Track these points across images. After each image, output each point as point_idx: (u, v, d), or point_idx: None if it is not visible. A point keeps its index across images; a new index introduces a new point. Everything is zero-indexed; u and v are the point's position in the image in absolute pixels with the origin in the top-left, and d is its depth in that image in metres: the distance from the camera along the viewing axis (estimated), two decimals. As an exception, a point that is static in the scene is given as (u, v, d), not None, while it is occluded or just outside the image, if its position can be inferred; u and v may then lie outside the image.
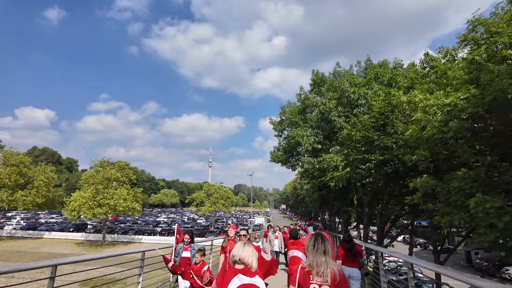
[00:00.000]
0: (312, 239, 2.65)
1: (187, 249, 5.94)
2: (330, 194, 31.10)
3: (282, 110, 23.63)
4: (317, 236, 2.68)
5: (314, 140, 18.94)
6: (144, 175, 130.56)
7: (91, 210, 39.72)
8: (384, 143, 12.93)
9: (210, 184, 56.65)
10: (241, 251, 2.40)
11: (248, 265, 2.36)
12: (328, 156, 17.51)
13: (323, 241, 2.62)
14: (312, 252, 2.57)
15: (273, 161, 24.27)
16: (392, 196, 18.29)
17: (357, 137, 13.59)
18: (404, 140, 11.90)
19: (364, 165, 13.48)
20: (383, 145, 13.04)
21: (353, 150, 14.82)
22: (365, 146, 13.76)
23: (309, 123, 19.59)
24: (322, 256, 2.52)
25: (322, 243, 2.59)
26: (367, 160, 13.46)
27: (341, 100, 18.96)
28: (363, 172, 13.73)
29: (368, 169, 13.48)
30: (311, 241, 2.64)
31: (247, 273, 2.32)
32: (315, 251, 2.56)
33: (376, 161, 13.15)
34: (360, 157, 13.67)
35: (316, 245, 2.58)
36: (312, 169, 19.33)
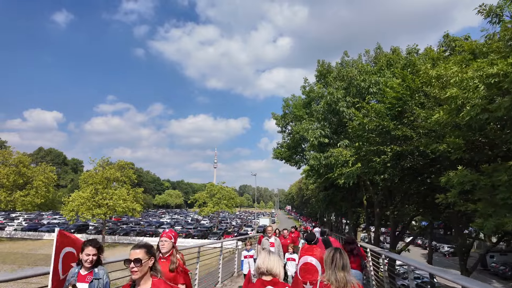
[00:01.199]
0: (331, 254, 2.58)
1: (84, 278, 2.92)
2: (338, 194, 29.13)
3: (285, 104, 21.80)
4: (336, 250, 2.59)
5: (320, 133, 17.09)
6: (149, 175, 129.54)
7: (89, 211, 38.29)
8: (403, 132, 11.05)
9: (213, 184, 54.97)
10: (267, 261, 2.30)
11: (276, 276, 2.29)
12: (336, 150, 15.66)
13: (341, 256, 2.54)
14: (331, 267, 2.50)
15: (275, 158, 22.47)
16: (408, 194, 16.36)
17: (370, 127, 11.72)
18: (428, 128, 10.03)
19: (378, 157, 11.62)
20: (401, 135, 11.17)
21: (365, 143, 12.96)
22: (379, 136, 11.89)
23: (315, 115, 17.74)
24: (341, 271, 2.46)
25: (340, 258, 2.52)
26: (382, 152, 11.59)
27: (349, 90, 17.10)
28: (377, 166, 11.86)
29: (383, 162, 11.60)
30: (330, 256, 2.57)
31: (276, 284, 2.25)
32: (334, 266, 2.49)
33: (392, 152, 11.28)
34: (373, 149, 11.81)
35: (335, 260, 2.51)
36: (318, 166, 17.48)
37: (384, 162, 11.56)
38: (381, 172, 12.63)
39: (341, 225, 49.69)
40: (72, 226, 52.93)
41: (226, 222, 72.86)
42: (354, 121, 13.55)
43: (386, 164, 11.58)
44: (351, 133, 14.80)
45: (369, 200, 24.36)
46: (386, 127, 11.53)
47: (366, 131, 12.08)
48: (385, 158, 11.37)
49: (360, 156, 13.75)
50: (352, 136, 15.02)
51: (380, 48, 20.39)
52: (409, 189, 14.83)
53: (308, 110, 20.80)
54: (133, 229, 51.96)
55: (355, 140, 13.89)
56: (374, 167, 12.07)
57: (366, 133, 12.13)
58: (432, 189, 14.34)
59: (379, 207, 20.09)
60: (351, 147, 15.70)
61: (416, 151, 11.19)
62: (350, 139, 16.02)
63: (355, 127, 12.91)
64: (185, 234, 49.38)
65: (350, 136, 16.17)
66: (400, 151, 11.24)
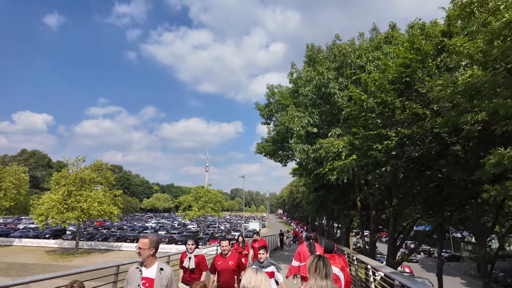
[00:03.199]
0: (315, 262, 2.47)
1: None
2: (329, 195, 26.32)
3: (270, 91, 18.96)
4: (320, 258, 2.49)
5: (308, 122, 14.31)
6: (138, 179, 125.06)
7: (60, 215, 34.70)
8: (412, 110, 8.34)
9: (199, 186, 51.72)
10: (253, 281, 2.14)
11: None
12: (326, 140, 12.87)
13: (325, 264, 2.44)
14: (314, 275, 2.42)
15: (259, 152, 19.57)
16: (411, 194, 13.66)
17: (369, 105, 8.99)
18: (450, 99, 7.33)
19: (380, 144, 8.87)
20: (409, 114, 8.45)
21: (363, 127, 10.23)
22: (380, 117, 9.17)
23: (302, 100, 14.96)
24: (324, 279, 2.38)
25: (324, 266, 2.42)
26: (385, 137, 8.86)
27: (342, 71, 14.41)
28: (378, 156, 9.12)
29: (386, 150, 8.86)
30: (313, 264, 2.46)
31: None
32: (316, 274, 2.41)
33: (399, 137, 8.56)
34: (373, 133, 9.06)
35: (318, 268, 2.41)
36: (306, 160, 14.68)
37: (387, 150, 8.80)
38: (382, 164, 9.88)
39: (332, 229, 46.82)
40: (48, 231, 48.96)
41: (214, 227, 69.43)
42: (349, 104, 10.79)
43: (390, 153, 8.81)
44: (346, 115, 12.01)
45: (364, 201, 21.63)
46: (390, 105, 8.80)
47: (364, 110, 9.32)
48: (389, 143, 8.62)
49: (356, 146, 10.99)
50: (347, 121, 12.25)
51: (377, 29, 17.77)
52: (414, 186, 12.09)
53: (296, 100, 18.04)
54: (113, 234, 48.18)
55: (351, 125, 11.12)
56: (374, 157, 9.30)
57: (365, 113, 9.36)
58: (441, 186, 11.65)
59: (375, 209, 17.35)
60: (344, 136, 12.94)
61: (429, 134, 8.48)
62: (343, 127, 13.27)
63: (350, 107, 10.14)
64: (168, 239, 45.89)
65: (343, 124, 13.45)
66: (408, 135, 8.51)
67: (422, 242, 25.19)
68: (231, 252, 4.96)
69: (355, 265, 9.03)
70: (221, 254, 4.92)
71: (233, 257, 4.85)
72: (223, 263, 4.81)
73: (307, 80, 15.83)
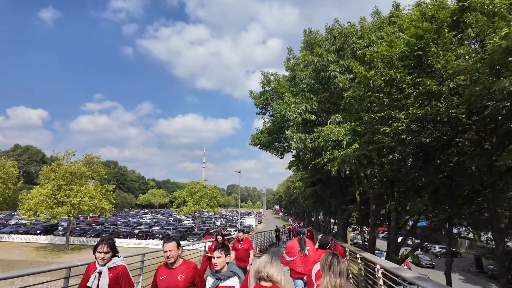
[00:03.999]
0: (329, 260, 2.41)
1: None
2: (326, 189, 25.32)
3: (265, 79, 17.73)
4: (333, 256, 2.45)
5: (305, 108, 13.16)
6: (133, 174, 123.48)
7: (49, 210, 33.39)
8: (426, 87, 7.22)
9: (194, 181, 50.51)
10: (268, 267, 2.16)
11: (277, 283, 2.16)
12: (326, 128, 11.74)
13: (338, 262, 2.40)
14: (328, 273, 2.36)
15: (253, 144, 18.40)
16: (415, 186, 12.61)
17: (376, 83, 7.85)
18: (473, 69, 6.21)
19: (388, 127, 7.75)
20: (423, 92, 7.34)
21: (367, 112, 9.11)
22: (388, 97, 8.04)
23: (299, 86, 13.79)
24: (338, 278, 2.32)
25: (337, 264, 2.38)
26: (394, 119, 7.75)
27: (342, 53, 13.25)
28: (386, 141, 8.01)
29: (395, 134, 7.75)
30: (327, 261, 2.41)
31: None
32: (330, 273, 2.35)
33: (410, 119, 7.45)
34: (380, 116, 7.94)
35: (332, 266, 2.36)
36: (303, 151, 13.55)
37: (397, 133, 7.69)
38: (389, 151, 8.78)
39: (329, 225, 45.94)
40: (39, 227, 47.60)
41: (210, 222, 68.36)
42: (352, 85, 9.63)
43: (400, 136, 7.69)
44: (348, 98, 10.86)
45: (363, 196, 20.62)
46: (400, 83, 7.67)
47: (370, 90, 8.17)
48: (399, 125, 7.49)
49: (360, 132, 9.87)
50: (349, 107, 11.11)
51: (378, 13, 16.58)
52: (421, 177, 11.01)
53: (293, 89, 16.87)
54: (106, 230, 46.95)
55: (353, 110, 9.98)
56: (381, 142, 8.18)
57: (371, 92, 8.21)
58: (451, 176, 10.59)
59: (375, 203, 16.31)
60: (345, 123, 11.82)
61: (444, 115, 7.37)
62: (344, 115, 12.14)
63: (353, 88, 9.00)
64: (162, 235, 44.77)
65: (343, 112, 12.33)
66: (421, 116, 7.39)
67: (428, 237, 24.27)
68: (183, 262, 3.18)
69: (358, 263, 7.99)
70: (166, 264, 3.21)
71: (185, 269, 3.11)
72: (167, 278, 3.09)
73: (305, 65, 14.65)
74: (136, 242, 41.79)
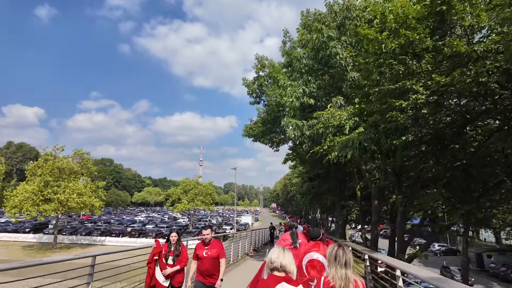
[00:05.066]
0: (334, 250, 2.44)
1: None
2: (324, 185, 23.88)
3: (259, 63, 16.18)
4: (339, 246, 2.47)
5: (303, 91, 11.66)
6: (129, 172, 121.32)
7: (35, 207, 31.66)
8: (453, 48, 5.76)
9: (188, 178, 48.94)
10: (281, 258, 2.14)
11: (290, 273, 2.14)
12: (326, 111, 10.26)
13: (344, 252, 2.41)
14: (334, 264, 2.39)
15: (246, 135, 16.87)
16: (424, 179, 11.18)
17: (391, 46, 6.37)
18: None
19: (404, 100, 6.27)
20: (449, 55, 5.88)
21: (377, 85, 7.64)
22: (403, 65, 6.55)
23: (296, 66, 12.28)
24: (343, 268, 2.34)
25: (343, 254, 2.39)
26: (412, 92, 6.27)
27: (344, 30, 11.76)
28: (401, 119, 6.54)
29: (414, 108, 6.28)
30: (333, 252, 2.44)
31: (290, 281, 2.08)
32: (336, 263, 2.37)
33: (432, 89, 5.99)
34: (395, 87, 6.47)
35: (338, 257, 2.38)
36: (300, 139, 12.06)
37: (416, 107, 6.21)
38: (402, 132, 7.30)
39: (326, 222, 44.53)
40: (28, 225, 45.83)
41: (205, 220, 66.80)
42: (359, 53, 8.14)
43: (419, 111, 6.21)
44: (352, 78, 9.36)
45: (364, 191, 19.20)
46: (417, 47, 6.19)
47: (382, 56, 6.68)
48: (418, 98, 6.02)
49: (367, 112, 8.40)
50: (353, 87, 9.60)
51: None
52: (435, 165, 9.55)
53: (289, 74, 15.35)
54: (97, 228, 45.23)
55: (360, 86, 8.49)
56: (394, 121, 6.70)
57: (382, 59, 6.71)
58: (468, 165, 9.15)
59: (378, 198, 14.89)
60: (347, 106, 10.36)
61: (474, 84, 5.91)
62: (347, 96, 10.67)
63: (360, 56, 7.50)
64: (156, 233, 43.15)
65: (346, 95, 10.85)
66: (446, 86, 5.92)
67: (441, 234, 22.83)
68: None
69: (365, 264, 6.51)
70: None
71: None
72: None
73: (303, 45, 13.13)
74: (128, 240, 40.18)
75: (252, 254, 17.50)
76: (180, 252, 4.85)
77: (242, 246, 15.72)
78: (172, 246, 4.95)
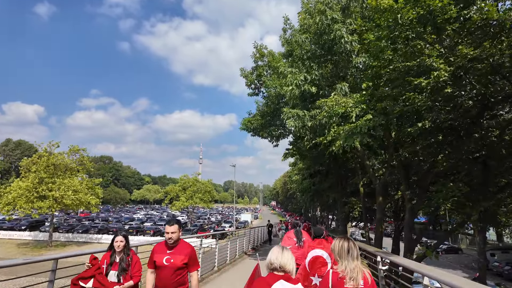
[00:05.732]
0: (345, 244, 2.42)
1: None
2: (325, 181, 23.05)
3: (258, 52, 15.24)
4: (349, 240, 2.47)
5: (304, 79, 10.76)
6: (128, 170, 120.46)
7: (29, 204, 30.79)
8: (483, 15, 4.86)
9: (187, 175, 48.03)
10: (280, 258, 2.11)
11: (289, 272, 2.11)
12: (330, 99, 9.37)
13: (354, 245, 2.42)
14: (346, 257, 2.36)
15: (244, 129, 15.95)
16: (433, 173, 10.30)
17: (406, 16, 5.46)
18: None
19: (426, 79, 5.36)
20: (481, 23, 4.98)
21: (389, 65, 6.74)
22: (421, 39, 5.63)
23: (297, 52, 11.37)
24: (355, 260, 2.35)
25: (354, 247, 2.40)
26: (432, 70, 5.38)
27: (348, 12, 10.86)
28: (419, 100, 5.65)
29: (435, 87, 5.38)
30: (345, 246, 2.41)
31: (289, 280, 2.07)
32: (349, 256, 2.36)
33: (456, 65, 5.10)
34: (410, 65, 5.57)
35: (350, 250, 2.37)
36: (301, 130, 11.18)
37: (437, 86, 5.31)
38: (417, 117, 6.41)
39: (327, 220, 43.72)
40: (25, 222, 44.98)
41: (204, 218, 66.03)
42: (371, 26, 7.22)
43: (442, 91, 5.31)
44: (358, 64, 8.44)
45: (367, 187, 18.34)
46: (441, 17, 5.29)
47: (398, 27, 5.76)
48: (441, 74, 5.12)
49: (377, 97, 7.51)
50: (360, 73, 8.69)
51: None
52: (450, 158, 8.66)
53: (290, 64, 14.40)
54: (94, 226, 44.38)
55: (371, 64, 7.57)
56: (411, 104, 5.80)
57: (398, 31, 5.80)
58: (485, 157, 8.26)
59: (382, 195, 14.01)
60: (353, 94, 9.46)
61: (507, 58, 5.02)
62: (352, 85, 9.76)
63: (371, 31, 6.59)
64: (153, 231, 42.32)
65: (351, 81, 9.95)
66: (473, 60, 5.02)
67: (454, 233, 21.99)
68: None
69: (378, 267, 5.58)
70: None
71: None
72: None
73: (305, 31, 12.19)
74: (126, 238, 39.34)
75: (251, 253, 16.65)
76: (129, 264, 3.39)
77: (240, 244, 14.88)
78: (116, 256, 3.41)
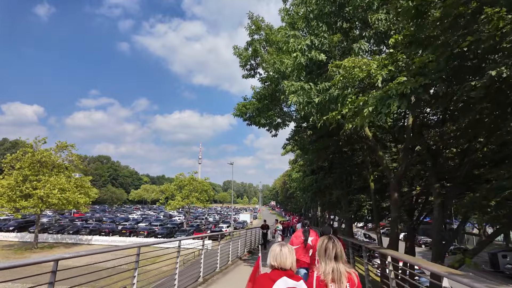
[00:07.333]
0: (324, 244, 2.29)
1: None
2: (328, 178, 20.73)
3: (253, 24, 12.92)
4: (329, 239, 2.32)
5: (311, 43, 8.51)
6: (127, 170, 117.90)
7: (11, 203, 28.45)
8: None
9: (183, 174, 45.71)
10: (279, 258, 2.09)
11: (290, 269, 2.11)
12: (346, 61, 7.11)
13: (334, 245, 2.27)
14: (324, 258, 2.26)
15: (238, 115, 13.62)
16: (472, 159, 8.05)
17: None
18: None
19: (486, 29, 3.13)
20: None
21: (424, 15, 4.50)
22: None
23: (301, 10, 9.10)
24: (333, 261, 2.21)
25: (333, 247, 2.26)
26: None
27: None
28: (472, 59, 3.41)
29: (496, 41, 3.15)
30: (322, 246, 2.30)
31: (292, 276, 2.08)
32: (326, 258, 2.25)
33: None
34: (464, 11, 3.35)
35: (327, 251, 2.26)
36: (306, 108, 8.89)
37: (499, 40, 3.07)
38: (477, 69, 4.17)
39: (329, 220, 41.35)
40: (13, 223, 42.50)
41: (202, 218, 63.63)
42: None
43: None
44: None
45: (379, 182, 16.05)
46: None
47: None
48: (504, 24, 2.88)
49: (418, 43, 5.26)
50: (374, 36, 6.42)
51: None
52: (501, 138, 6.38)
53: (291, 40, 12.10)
54: (86, 227, 41.95)
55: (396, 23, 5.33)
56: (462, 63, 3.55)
57: None
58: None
59: (398, 191, 11.73)
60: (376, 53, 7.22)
61: None
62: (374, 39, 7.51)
63: None
64: (147, 232, 39.97)
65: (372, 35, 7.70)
66: None
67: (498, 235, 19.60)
68: None
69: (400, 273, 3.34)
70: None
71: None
72: None
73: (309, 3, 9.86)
74: (117, 239, 36.96)
75: (246, 258, 14.35)
76: None
77: (234, 248, 12.58)
78: None
